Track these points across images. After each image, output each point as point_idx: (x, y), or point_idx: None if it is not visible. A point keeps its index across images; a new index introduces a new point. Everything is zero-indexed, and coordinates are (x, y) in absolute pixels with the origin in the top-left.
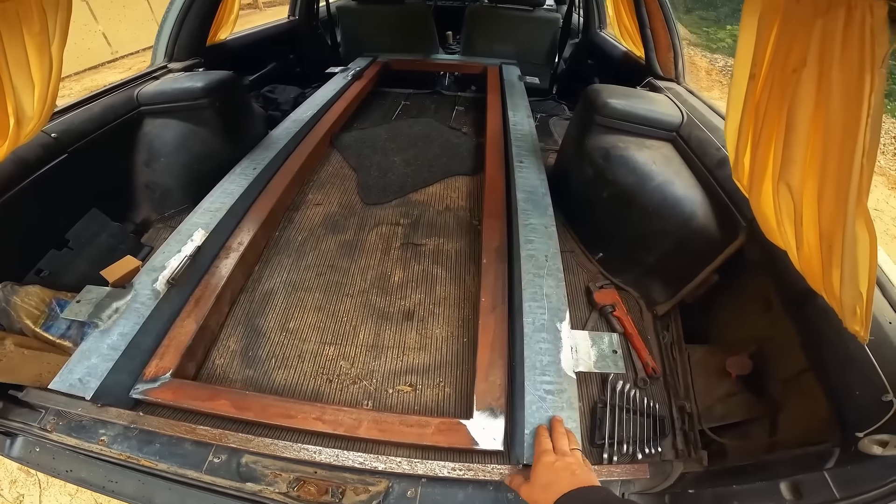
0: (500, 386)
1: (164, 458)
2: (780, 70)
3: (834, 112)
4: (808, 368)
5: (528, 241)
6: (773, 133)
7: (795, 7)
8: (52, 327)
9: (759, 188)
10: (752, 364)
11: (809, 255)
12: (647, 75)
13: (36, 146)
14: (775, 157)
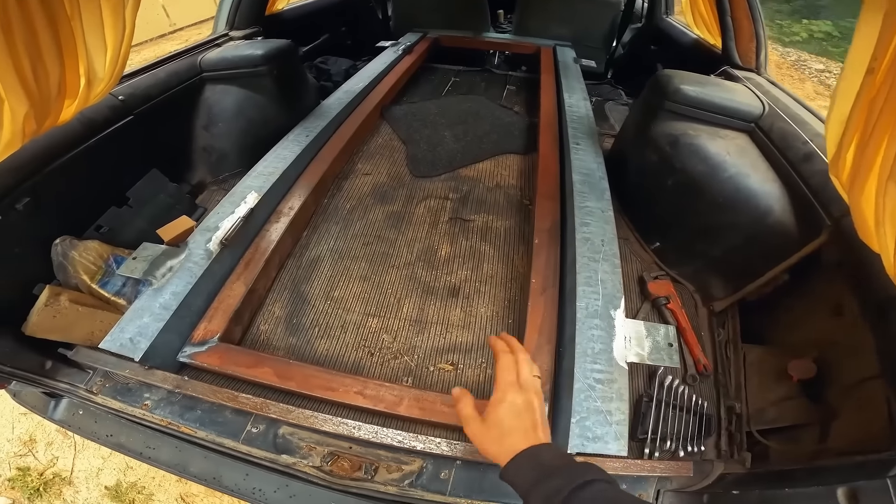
0: (545, 371)
1: (204, 426)
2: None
3: None
4: (875, 376)
5: (583, 223)
6: (888, 130)
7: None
8: (108, 284)
9: (862, 186)
10: (816, 368)
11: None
12: (723, 64)
13: (104, 107)
14: (886, 155)
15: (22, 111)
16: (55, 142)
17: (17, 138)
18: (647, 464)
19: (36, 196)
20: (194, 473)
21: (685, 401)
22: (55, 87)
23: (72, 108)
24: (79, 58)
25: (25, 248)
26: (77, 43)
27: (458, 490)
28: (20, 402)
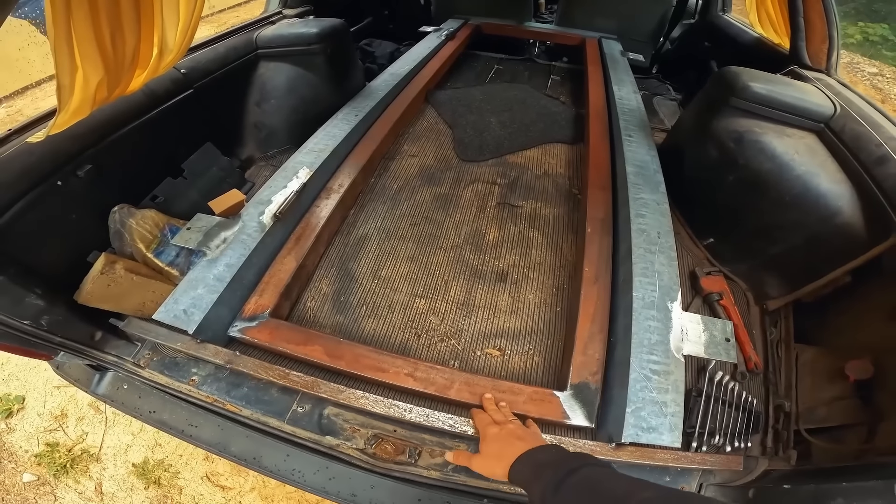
0: (598, 360)
1: (250, 404)
2: None
3: None
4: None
5: (639, 215)
6: None
7: None
8: (163, 253)
9: None
10: (873, 370)
11: None
12: (790, 64)
13: (166, 80)
14: None
15: (96, 79)
16: (118, 112)
17: (86, 105)
18: (697, 456)
19: (97, 164)
20: (234, 453)
21: (734, 397)
22: (130, 56)
23: (141, 78)
24: (154, 28)
25: (83, 215)
26: (154, 13)
27: None
28: (63, 374)
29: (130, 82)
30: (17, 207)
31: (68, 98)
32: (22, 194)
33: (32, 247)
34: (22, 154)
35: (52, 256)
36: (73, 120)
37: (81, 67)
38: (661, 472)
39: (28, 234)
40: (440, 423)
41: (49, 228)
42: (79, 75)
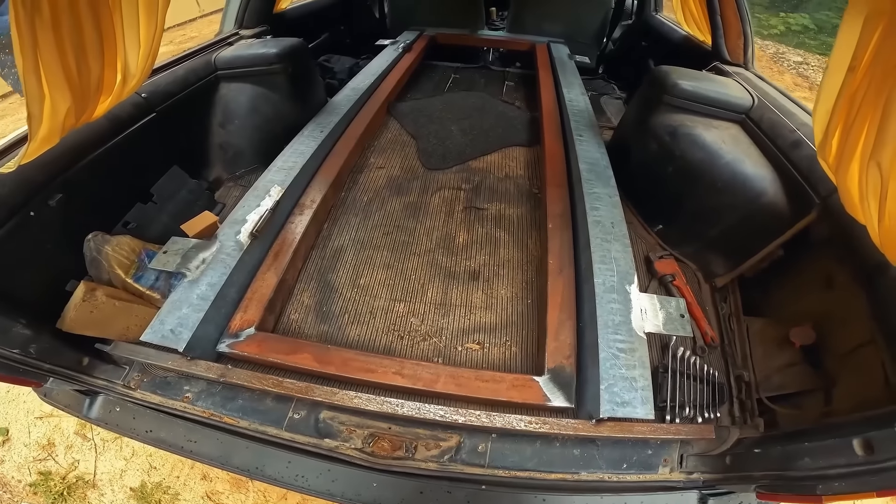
0: (570, 345)
1: (247, 415)
2: (882, 65)
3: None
4: (868, 342)
5: (593, 208)
6: (868, 119)
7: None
8: (142, 278)
9: (846, 167)
10: (815, 335)
11: (891, 228)
12: (713, 59)
13: (128, 105)
14: (866, 140)
15: (65, 106)
16: (83, 139)
17: (55, 134)
18: (672, 427)
19: (67, 193)
20: (237, 465)
21: (698, 370)
22: (95, 82)
23: (105, 103)
24: (117, 54)
25: (57, 244)
26: (116, 38)
27: (495, 462)
28: (51, 401)
29: (96, 108)
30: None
31: (38, 127)
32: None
33: (11, 278)
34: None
35: (31, 287)
36: (42, 149)
37: (49, 96)
38: (643, 446)
39: (6, 266)
40: (431, 414)
41: (25, 259)
42: (47, 103)
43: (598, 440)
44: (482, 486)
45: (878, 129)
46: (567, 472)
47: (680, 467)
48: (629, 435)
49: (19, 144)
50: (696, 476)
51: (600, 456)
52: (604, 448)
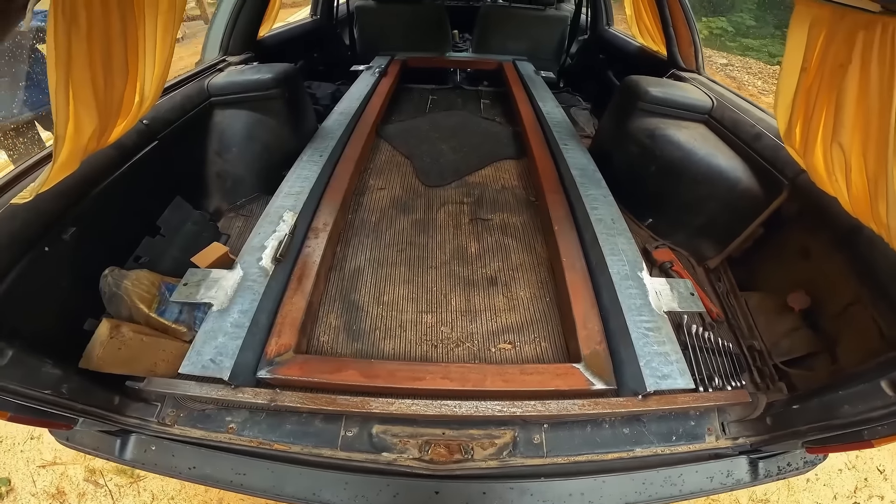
0: (599, 331)
1: (298, 439)
2: (829, 64)
3: (873, 94)
4: (855, 301)
5: (593, 208)
6: (824, 109)
7: (841, 21)
8: (166, 311)
9: (812, 149)
10: (810, 299)
11: (858, 195)
12: (670, 67)
13: (133, 132)
14: (825, 127)
15: (90, 127)
16: (92, 167)
17: (76, 158)
18: (711, 395)
19: (80, 225)
20: (291, 494)
21: (714, 344)
22: (117, 102)
23: (121, 127)
24: (137, 76)
25: (73, 281)
26: (139, 56)
27: (553, 450)
28: (75, 445)
29: (113, 132)
30: (12, 276)
31: (61, 150)
32: (14, 262)
33: (31, 317)
34: (5, 219)
35: (51, 326)
36: (62, 175)
37: (75, 115)
38: (686, 419)
39: (25, 305)
40: (490, 411)
41: (43, 297)
42: (71, 124)
43: (644, 417)
44: (540, 478)
45: (835, 117)
46: (622, 451)
47: (724, 434)
48: (675, 406)
49: (27, 174)
50: (742, 441)
51: (649, 432)
52: (650, 424)
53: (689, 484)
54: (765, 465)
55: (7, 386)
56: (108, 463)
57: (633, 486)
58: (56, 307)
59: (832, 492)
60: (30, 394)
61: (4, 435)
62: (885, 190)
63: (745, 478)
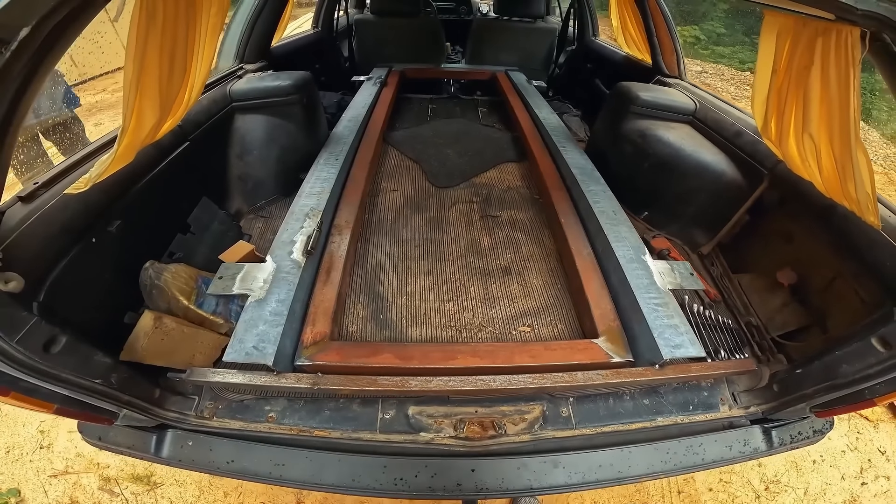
0: (611, 310)
1: (338, 424)
2: (795, 66)
3: (833, 90)
4: (837, 276)
5: (595, 201)
6: (794, 105)
7: (803, 29)
8: (204, 304)
9: (787, 141)
10: (797, 275)
11: (829, 177)
12: (655, 74)
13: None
14: (796, 120)
15: (152, 121)
16: (135, 164)
17: (132, 150)
18: (720, 364)
19: (124, 219)
20: (331, 482)
21: (715, 321)
22: (173, 99)
23: (170, 122)
24: (189, 73)
25: (115, 273)
26: (194, 58)
27: (581, 422)
28: (108, 445)
29: (163, 128)
30: (63, 265)
31: (122, 141)
32: (65, 252)
33: (76, 308)
34: (58, 209)
35: (93, 318)
36: (119, 165)
37: (139, 110)
38: (699, 389)
39: (73, 295)
40: (521, 383)
41: (90, 288)
42: (134, 117)
43: (662, 389)
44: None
45: (803, 112)
46: (645, 421)
47: (736, 404)
48: (689, 374)
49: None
50: (754, 410)
51: (667, 402)
52: (667, 395)
53: (711, 453)
54: (778, 433)
55: (61, 374)
56: (123, 470)
57: (658, 456)
58: (100, 299)
59: (839, 472)
60: (82, 383)
61: (12, 444)
62: (851, 171)
63: (762, 446)
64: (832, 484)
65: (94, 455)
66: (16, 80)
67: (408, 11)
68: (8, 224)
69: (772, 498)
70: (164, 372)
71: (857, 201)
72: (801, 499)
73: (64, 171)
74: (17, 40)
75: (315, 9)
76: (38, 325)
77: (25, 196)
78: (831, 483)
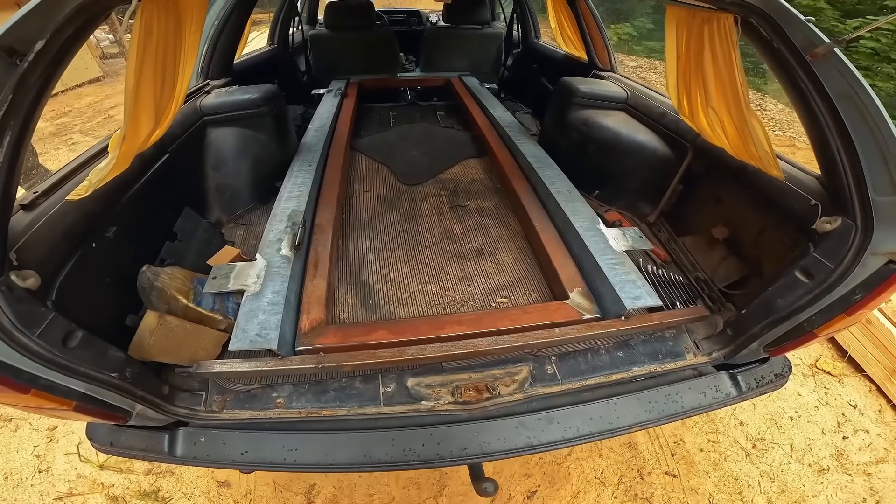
0: (576, 273)
1: (344, 402)
2: (694, 52)
3: (723, 69)
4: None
5: (551, 184)
6: (698, 85)
7: (694, 20)
8: (202, 302)
9: (698, 116)
10: (728, 230)
11: (735, 142)
12: (591, 69)
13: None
14: (701, 97)
15: (148, 128)
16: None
17: (129, 157)
18: (676, 312)
19: (119, 226)
20: (344, 461)
21: (668, 278)
22: (164, 109)
23: (159, 132)
24: (176, 85)
25: (114, 278)
26: (180, 71)
27: (566, 377)
28: (121, 450)
29: (153, 134)
30: (69, 268)
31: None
32: (69, 255)
33: (83, 310)
34: (59, 216)
35: (99, 321)
36: (117, 171)
37: (135, 118)
38: (664, 340)
39: (80, 297)
40: (506, 343)
41: (92, 291)
42: (132, 125)
43: (632, 341)
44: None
45: (704, 89)
46: (623, 371)
47: (699, 351)
48: (651, 323)
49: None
50: (716, 355)
51: (639, 353)
52: (637, 346)
53: (688, 400)
54: (744, 378)
55: (80, 367)
56: (129, 488)
57: (642, 406)
58: (103, 301)
59: (818, 427)
60: (100, 376)
61: (9, 471)
62: (749, 134)
63: (732, 391)
64: (815, 439)
65: (96, 475)
66: (32, 89)
67: (361, 25)
68: (15, 229)
69: (761, 455)
70: (169, 370)
71: (759, 158)
72: (790, 454)
73: (60, 180)
74: (34, 52)
75: (270, 26)
76: (56, 320)
77: (27, 204)
78: (813, 438)
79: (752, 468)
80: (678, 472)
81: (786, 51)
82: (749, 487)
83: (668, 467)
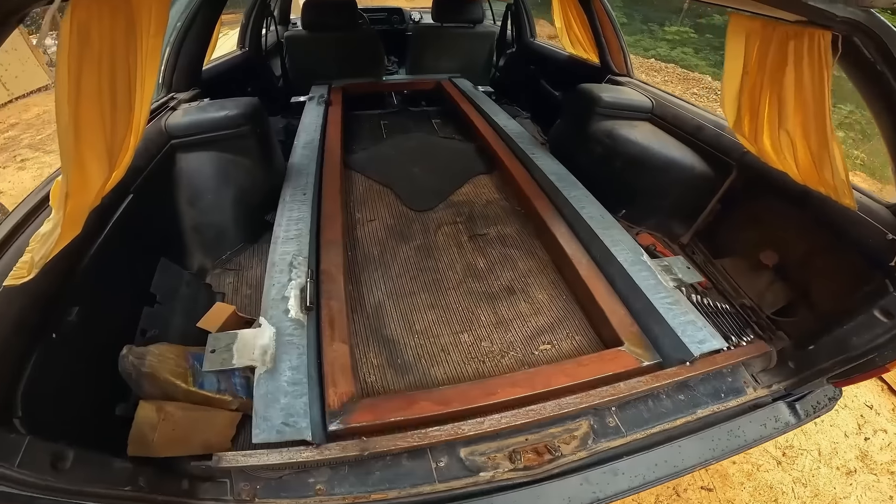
0: (626, 315)
1: (393, 484)
2: (770, 69)
3: (808, 90)
4: (811, 251)
5: (580, 207)
6: (767, 104)
7: (773, 32)
8: (205, 383)
9: (761, 136)
10: (777, 255)
11: (805, 167)
12: (605, 73)
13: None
14: (770, 117)
15: (101, 178)
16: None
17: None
18: (739, 351)
19: (81, 303)
20: None
21: (714, 307)
22: (119, 145)
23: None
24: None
25: (88, 366)
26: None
27: (629, 429)
28: None
29: (109, 183)
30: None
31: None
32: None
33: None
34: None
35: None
36: (67, 239)
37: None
38: (722, 378)
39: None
40: (570, 405)
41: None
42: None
43: (691, 382)
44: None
45: (779, 110)
46: (687, 415)
47: (758, 385)
48: (715, 366)
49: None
50: (777, 388)
51: (700, 394)
52: (697, 387)
53: (750, 433)
54: (801, 406)
55: (83, 489)
56: None
57: (706, 444)
58: (82, 399)
59: (841, 430)
60: (110, 493)
61: None
62: (828, 161)
63: (791, 420)
64: (839, 442)
65: None
66: None
67: (341, 25)
68: None
69: (791, 462)
70: (180, 460)
71: (834, 187)
72: (818, 459)
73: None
74: None
75: (240, 27)
76: (34, 444)
77: None
78: (838, 441)
79: (785, 475)
80: (713, 485)
81: (890, 74)
82: (784, 494)
83: (704, 482)
